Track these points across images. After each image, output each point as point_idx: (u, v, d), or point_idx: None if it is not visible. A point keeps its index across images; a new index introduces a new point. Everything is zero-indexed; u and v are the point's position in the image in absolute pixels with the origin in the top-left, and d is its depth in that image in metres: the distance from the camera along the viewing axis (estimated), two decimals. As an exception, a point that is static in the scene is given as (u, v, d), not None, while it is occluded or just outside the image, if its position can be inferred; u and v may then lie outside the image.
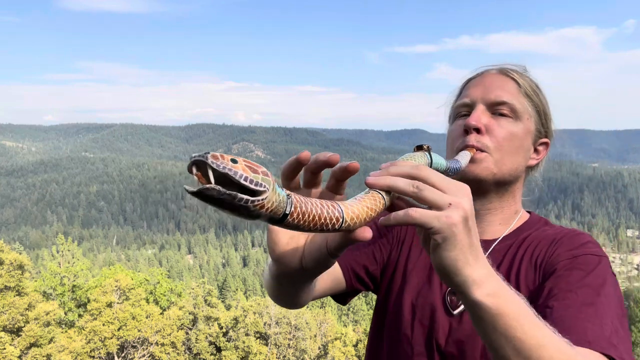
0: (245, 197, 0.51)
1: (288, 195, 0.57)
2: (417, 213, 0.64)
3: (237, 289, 56.98)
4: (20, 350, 18.29)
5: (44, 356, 18.71)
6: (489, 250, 1.10)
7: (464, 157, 1.02)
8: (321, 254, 0.72)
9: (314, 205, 0.59)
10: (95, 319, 21.18)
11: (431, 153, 0.82)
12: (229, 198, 0.50)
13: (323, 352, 25.13)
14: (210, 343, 23.59)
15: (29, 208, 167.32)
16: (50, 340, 19.35)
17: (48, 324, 19.72)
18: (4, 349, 17.31)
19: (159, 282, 27.77)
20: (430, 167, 0.82)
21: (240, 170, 0.51)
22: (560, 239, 1.06)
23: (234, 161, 0.51)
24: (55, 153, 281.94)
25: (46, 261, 33.03)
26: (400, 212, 0.65)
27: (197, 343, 23.34)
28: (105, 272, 26.47)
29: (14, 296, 19.43)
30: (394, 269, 1.19)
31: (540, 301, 0.93)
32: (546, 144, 1.18)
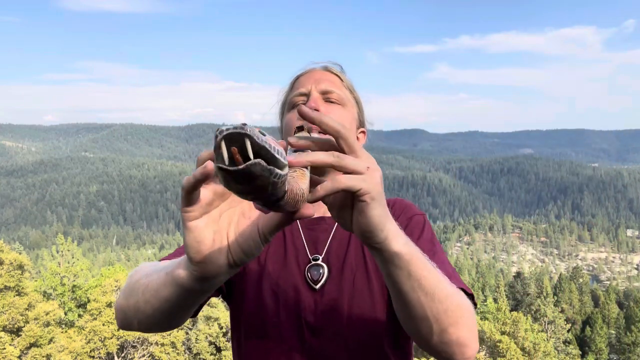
0: (280, 172, 0.49)
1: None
2: (345, 178, 0.66)
3: (237, 289, 56.96)
4: (20, 350, 18.30)
5: (43, 356, 18.71)
6: (335, 226, 1.19)
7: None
8: (254, 243, 0.70)
9: (293, 180, 0.59)
10: (95, 319, 21.18)
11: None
12: (267, 173, 0.48)
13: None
14: (210, 343, 23.60)
15: (29, 208, 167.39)
16: (50, 340, 19.36)
17: (48, 324, 19.73)
18: (4, 349, 17.32)
19: (158, 282, 27.78)
20: None
21: (273, 144, 0.49)
22: (392, 206, 1.20)
23: (262, 134, 0.49)
24: (55, 153, 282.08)
25: (46, 261, 33.00)
26: (327, 182, 0.66)
27: (197, 343, 23.35)
28: (105, 272, 26.48)
29: (14, 296, 19.44)
30: (243, 268, 1.17)
31: None
32: (364, 132, 1.34)
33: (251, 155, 0.46)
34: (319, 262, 1.14)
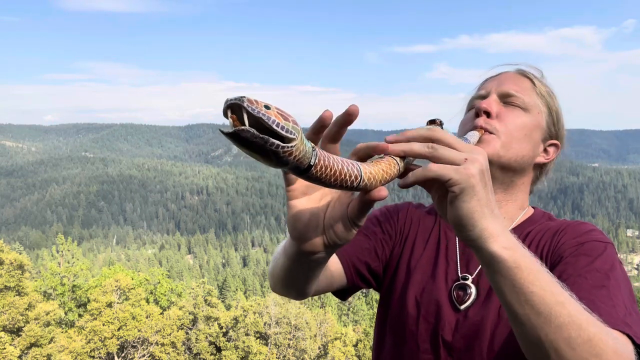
0: (277, 142, 0.54)
1: (313, 147, 0.60)
2: (436, 167, 0.67)
3: (237, 289, 57.02)
4: (21, 350, 18.30)
5: (44, 356, 18.71)
6: None
7: (472, 137, 1.04)
8: (344, 225, 0.74)
9: (336, 161, 0.62)
10: (95, 319, 21.18)
11: (443, 128, 0.85)
12: (261, 141, 0.53)
13: (323, 352, 25.12)
14: (210, 343, 23.60)
15: (29, 208, 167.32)
16: (51, 340, 19.35)
17: (48, 324, 19.73)
18: (4, 349, 17.32)
19: (159, 282, 27.78)
20: None
21: (273, 116, 0.54)
22: (564, 229, 1.08)
23: (267, 107, 0.54)
24: (55, 153, 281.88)
25: (46, 261, 33.05)
26: (419, 169, 0.68)
27: (197, 343, 23.34)
28: (105, 272, 26.48)
29: (14, 296, 19.44)
30: (396, 265, 1.21)
31: None
32: (556, 145, 1.21)
33: (246, 122, 0.53)
34: (468, 282, 1.10)
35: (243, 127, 0.52)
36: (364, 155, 0.70)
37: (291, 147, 0.55)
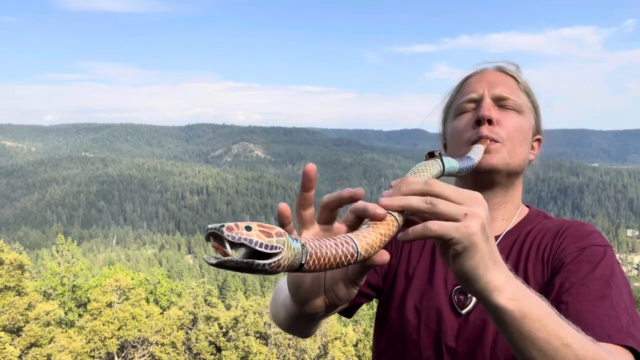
0: (262, 262, 0.55)
1: (303, 245, 0.59)
2: (436, 225, 0.65)
3: (237, 289, 57.05)
4: (20, 350, 18.29)
5: (44, 356, 18.70)
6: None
7: (476, 153, 1.03)
8: (345, 286, 0.74)
9: (328, 248, 0.61)
10: (95, 318, 21.17)
11: (443, 158, 0.84)
12: (246, 266, 0.55)
13: (323, 352, 25.11)
14: (210, 343, 23.59)
15: (29, 208, 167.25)
16: (50, 340, 19.35)
17: (48, 324, 19.72)
18: (4, 349, 17.31)
19: (159, 282, 27.77)
20: (443, 172, 0.84)
21: (255, 237, 0.55)
22: (564, 231, 1.07)
23: (248, 228, 0.55)
24: (55, 153, 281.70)
25: (46, 261, 32.99)
26: (419, 226, 0.67)
27: (197, 343, 23.33)
28: (105, 272, 26.48)
29: (14, 296, 19.43)
30: (394, 275, 1.20)
31: (552, 297, 0.95)
32: (539, 140, 1.22)
33: (229, 252, 0.54)
34: None
35: (226, 258, 0.54)
36: (360, 216, 0.70)
37: (277, 260, 0.56)
